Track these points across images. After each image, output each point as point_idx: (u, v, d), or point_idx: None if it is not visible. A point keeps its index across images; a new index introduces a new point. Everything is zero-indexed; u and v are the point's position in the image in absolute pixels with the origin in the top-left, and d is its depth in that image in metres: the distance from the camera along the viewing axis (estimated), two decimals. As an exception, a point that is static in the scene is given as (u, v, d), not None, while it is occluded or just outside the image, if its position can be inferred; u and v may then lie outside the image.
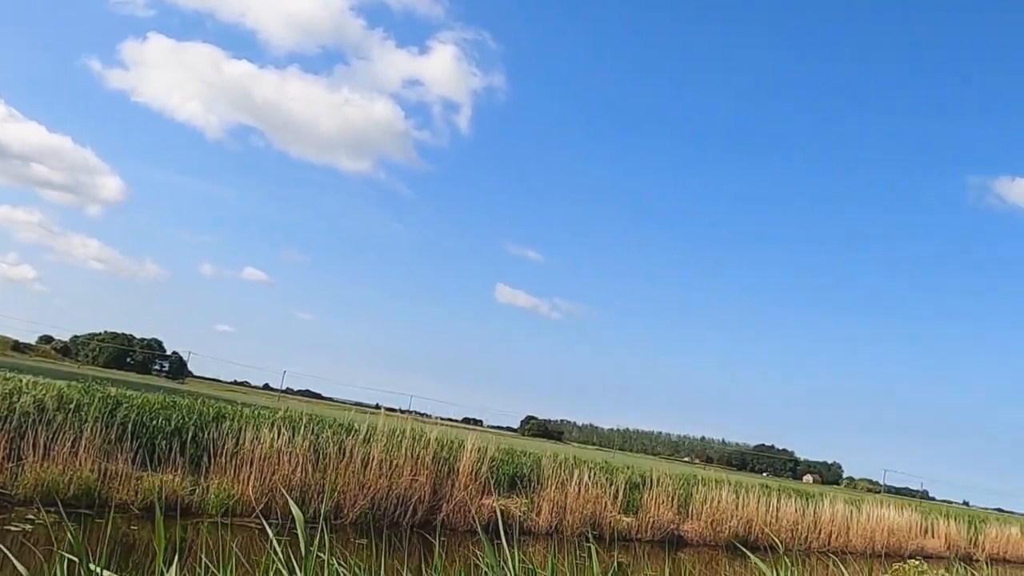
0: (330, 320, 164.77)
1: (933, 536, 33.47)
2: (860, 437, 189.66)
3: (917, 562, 8.39)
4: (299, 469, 16.01)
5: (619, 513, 22.35)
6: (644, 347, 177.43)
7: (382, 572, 5.40)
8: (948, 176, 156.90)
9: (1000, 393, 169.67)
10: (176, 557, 4.24)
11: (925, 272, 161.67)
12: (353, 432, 18.10)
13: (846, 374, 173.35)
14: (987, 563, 28.05)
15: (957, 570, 9.65)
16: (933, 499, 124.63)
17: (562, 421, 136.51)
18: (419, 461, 18.59)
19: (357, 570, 5.64)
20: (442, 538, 16.83)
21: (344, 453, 17.09)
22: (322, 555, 5.09)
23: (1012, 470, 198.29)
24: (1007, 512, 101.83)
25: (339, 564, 5.47)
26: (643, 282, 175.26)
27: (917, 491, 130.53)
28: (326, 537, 5.08)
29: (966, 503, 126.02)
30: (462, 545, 16.55)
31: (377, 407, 37.99)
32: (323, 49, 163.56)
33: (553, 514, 20.74)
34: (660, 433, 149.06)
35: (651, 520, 22.80)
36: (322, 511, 7.39)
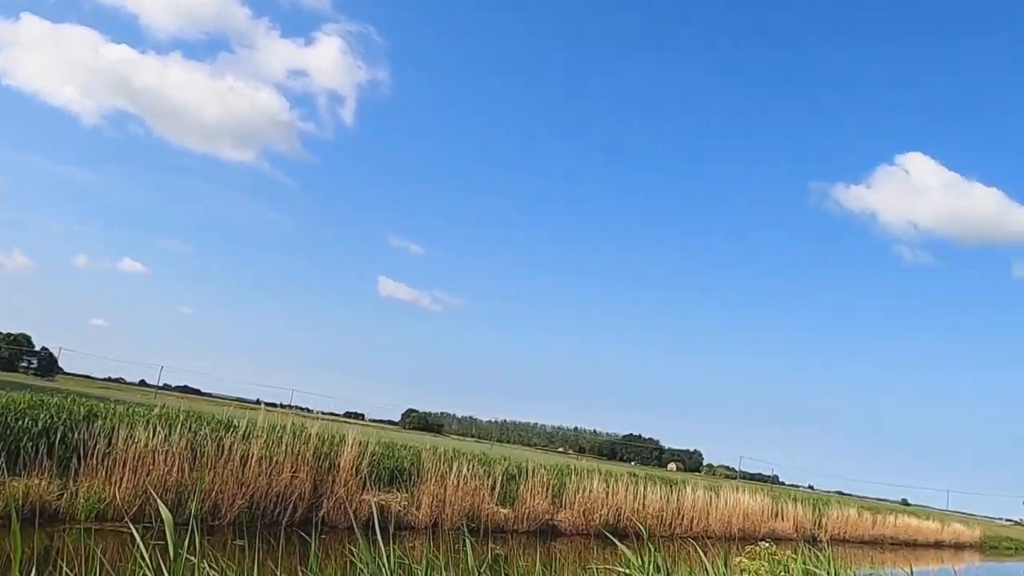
0: (211, 313, 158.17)
1: (783, 519, 35.54)
2: (719, 426, 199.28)
3: (767, 544, 8.91)
4: (175, 469, 15.22)
5: (497, 505, 22.48)
6: (522, 340, 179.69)
7: (255, 574, 5.23)
8: (792, 181, 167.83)
9: (842, 385, 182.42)
10: (34, 567, 3.97)
11: (775, 270, 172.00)
12: (232, 429, 17.41)
13: (707, 367, 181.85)
14: (828, 543, 30.08)
15: (803, 551, 10.28)
16: (783, 484, 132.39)
17: (442, 414, 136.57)
18: (300, 457, 18.08)
19: (229, 572, 5.45)
20: (322, 536, 16.44)
21: (223, 451, 16.39)
22: (192, 558, 4.89)
23: (851, 456, 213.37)
24: (847, 495, 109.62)
25: (210, 567, 5.26)
26: (522, 277, 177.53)
27: (768, 476, 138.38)
28: (196, 539, 4.88)
29: (811, 487, 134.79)
30: (342, 543, 16.23)
31: (258, 402, 36.69)
32: (207, 36, 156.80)
33: (433, 508, 20.62)
34: (536, 425, 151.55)
35: (527, 511, 23.05)
36: (193, 511, 7.07)
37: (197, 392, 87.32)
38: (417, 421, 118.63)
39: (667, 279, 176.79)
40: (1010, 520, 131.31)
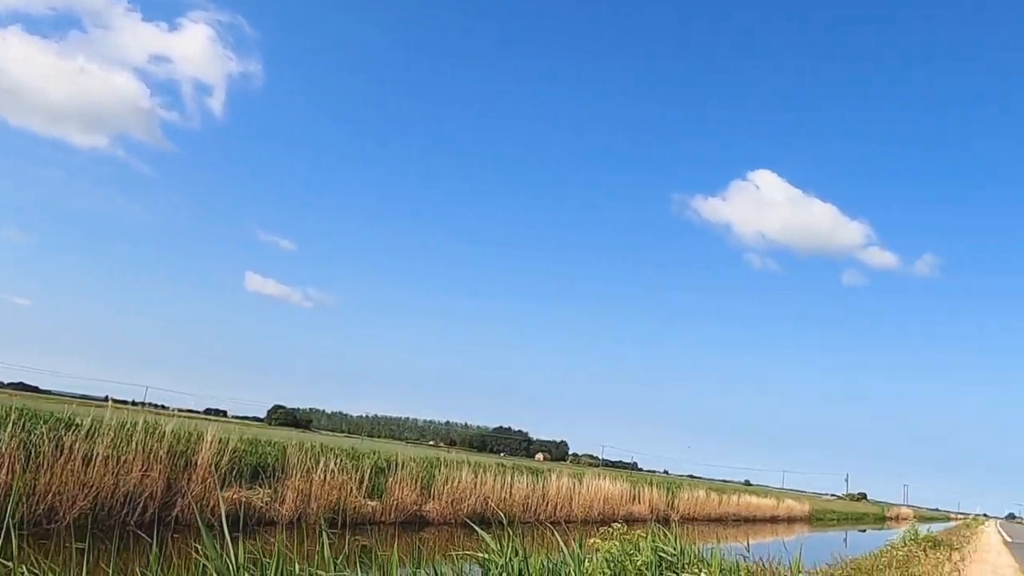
0: (53, 306, 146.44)
1: (640, 502, 36.91)
2: (584, 418, 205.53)
3: (619, 525, 9.11)
4: (4, 471, 13.75)
5: (364, 498, 21.98)
6: (395, 335, 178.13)
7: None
8: (656, 192, 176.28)
9: (695, 378, 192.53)
10: None
11: (638, 272, 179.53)
12: (75, 427, 15.97)
13: (573, 360, 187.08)
14: (679, 522, 31.44)
15: (653, 530, 10.58)
16: (641, 470, 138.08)
17: (311, 410, 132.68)
18: (152, 456, 16.85)
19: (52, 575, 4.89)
20: (176, 535, 15.45)
21: (62, 450, 14.98)
22: (8, 563, 4.36)
23: (703, 442, 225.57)
24: (697, 478, 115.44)
25: (29, 571, 4.69)
26: (395, 272, 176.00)
27: (629, 463, 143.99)
28: (13, 544, 4.33)
29: (666, 472, 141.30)
30: (197, 540, 15.29)
31: (106, 399, 34.11)
32: (54, 11, 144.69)
33: (297, 502, 19.87)
34: (408, 419, 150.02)
35: (395, 503, 22.70)
36: (7, 513, 6.39)
37: (35, 389, 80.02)
38: (284, 417, 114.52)
39: (536, 277, 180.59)
40: (834, 495, 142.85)
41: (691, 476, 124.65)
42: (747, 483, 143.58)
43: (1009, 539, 52.05)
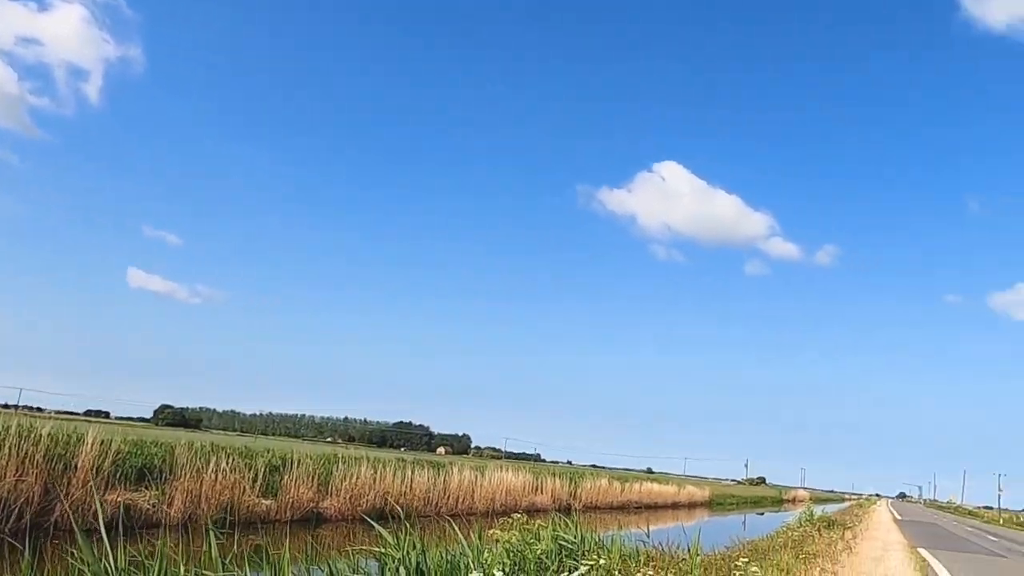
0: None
1: (542, 493, 37.55)
2: (487, 411, 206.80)
3: (518, 515, 9.32)
4: None
5: (259, 497, 21.54)
6: (290, 331, 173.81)
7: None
8: (562, 183, 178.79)
9: (599, 369, 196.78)
10: None
11: (543, 264, 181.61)
12: (-67, 432, 14.94)
13: (477, 354, 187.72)
14: (581, 511, 32.22)
15: (554, 520, 10.88)
16: (544, 461, 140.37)
17: (201, 409, 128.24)
18: (27, 460, 15.98)
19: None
20: (56, 540, 14.71)
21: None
22: None
23: (605, 432, 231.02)
24: (600, 467, 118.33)
25: None
26: (288, 267, 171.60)
27: (532, 455, 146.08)
28: None
29: (569, 462, 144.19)
30: (75, 546, 14.59)
31: (-27, 402, 32.14)
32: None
33: (187, 503, 19.27)
34: (304, 416, 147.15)
35: (291, 501, 22.34)
36: None
37: None
38: (172, 417, 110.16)
39: (440, 271, 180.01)
40: (734, 480, 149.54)
41: (594, 466, 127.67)
42: (649, 471, 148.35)
43: (899, 517, 56.08)
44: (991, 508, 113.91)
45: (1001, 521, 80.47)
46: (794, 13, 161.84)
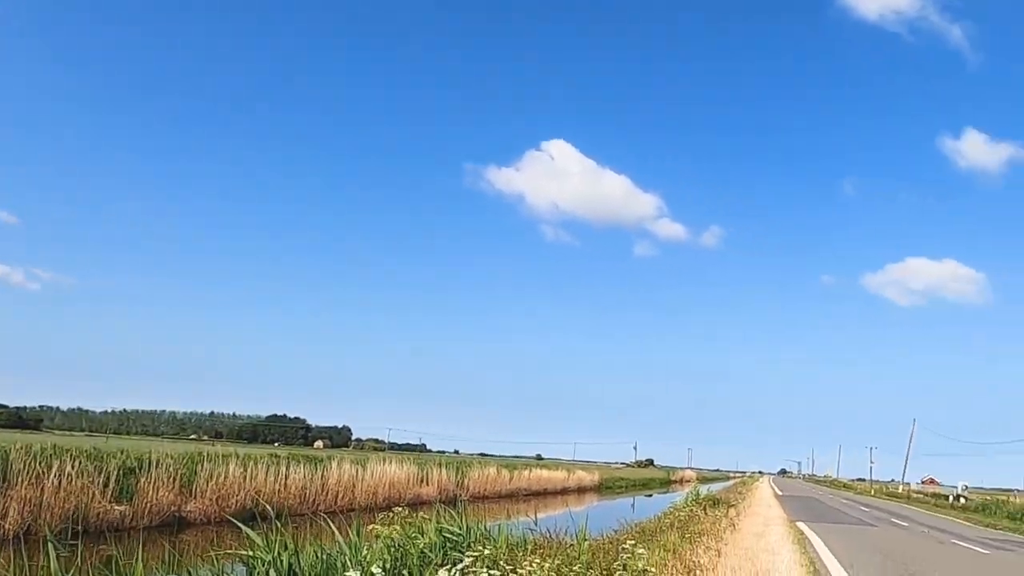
0: None
1: (428, 484, 37.45)
2: (367, 401, 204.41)
3: (400, 509, 9.15)
4: None
5: (111, 503, 20.34)
6: (145, 320, 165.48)
7: None
8: (449, 163, 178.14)
9: (484, 354, 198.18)
10: None
11: (427, 247, 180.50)
12: None
13: (355, 342, 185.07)
14: (469, 501, 32.31)
15: (438, 512, 10.76)
16: (430, 451, 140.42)
17: (41, 407, 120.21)
18: None
19: None
20: None
21: None
22: None
23: (493, 418, 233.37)
24: (489, 455, 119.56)
25: None
26: (142, 252, 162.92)
27: (417, 445, 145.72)
28: None
29: (456, 451, 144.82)
30: None
31: None
32: None
33: (25, 514, 17.95)
34: (163, 412, 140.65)
35: (149, 505, 21.24)
36: None
37: None
38: (7, 417, 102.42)
39: (320, 255, 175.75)
40: (623, 463, 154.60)
41: (483, 454, 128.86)
42: (539, 457, 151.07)
43: (780, 492, 59.69)
44: (864, 480, 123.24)
45: (872, 492, 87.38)
46: (680, 3, 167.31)
